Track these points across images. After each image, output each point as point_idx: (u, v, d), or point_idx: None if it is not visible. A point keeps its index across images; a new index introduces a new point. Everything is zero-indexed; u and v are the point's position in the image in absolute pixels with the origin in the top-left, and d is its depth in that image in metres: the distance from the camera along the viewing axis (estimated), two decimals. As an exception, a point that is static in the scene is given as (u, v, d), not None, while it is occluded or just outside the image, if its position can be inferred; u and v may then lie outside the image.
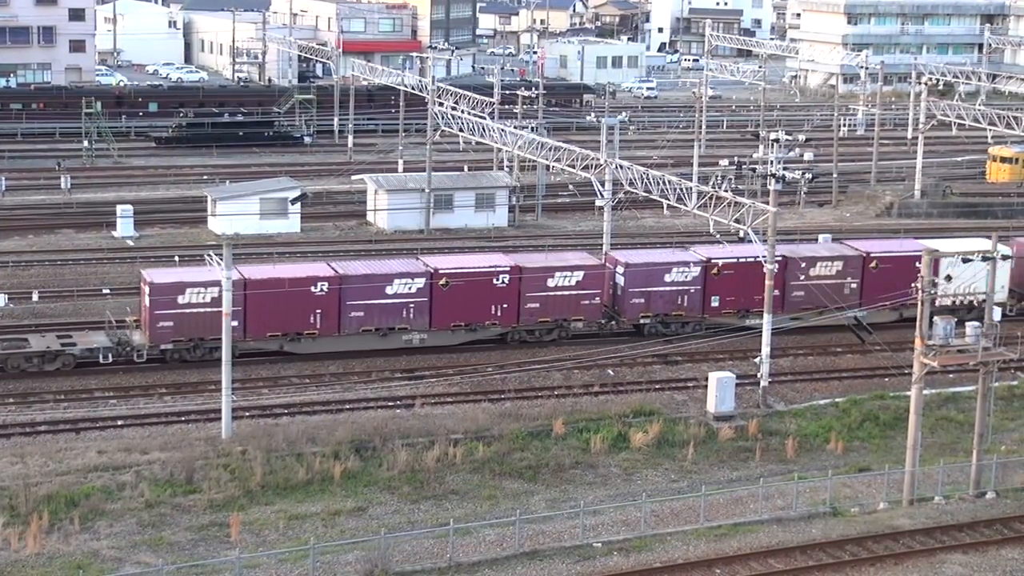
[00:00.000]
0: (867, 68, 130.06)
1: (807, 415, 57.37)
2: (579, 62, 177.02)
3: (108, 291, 70.69)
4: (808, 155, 61.54)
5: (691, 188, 66.38)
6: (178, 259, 74.45)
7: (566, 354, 62.33)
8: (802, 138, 65.01)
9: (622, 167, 71.31)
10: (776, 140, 59.29)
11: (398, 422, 53.65)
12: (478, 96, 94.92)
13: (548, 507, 47.64)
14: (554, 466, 51.23)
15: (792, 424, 56.38)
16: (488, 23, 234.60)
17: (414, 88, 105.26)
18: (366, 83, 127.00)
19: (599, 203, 73.88)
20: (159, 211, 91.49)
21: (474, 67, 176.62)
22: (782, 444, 54.50)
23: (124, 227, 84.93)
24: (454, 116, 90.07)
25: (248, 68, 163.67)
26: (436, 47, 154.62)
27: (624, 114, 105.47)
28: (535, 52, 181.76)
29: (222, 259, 51.01)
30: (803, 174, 61.51)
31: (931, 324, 46.99)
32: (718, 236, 65.49)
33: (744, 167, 64.50)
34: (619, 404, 56.90)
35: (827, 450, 54.52)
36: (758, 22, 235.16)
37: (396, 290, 61.73)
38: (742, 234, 62.46)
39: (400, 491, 48.59)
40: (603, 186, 72.06)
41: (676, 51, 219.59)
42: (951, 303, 65.20)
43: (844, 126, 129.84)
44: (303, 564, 40.92)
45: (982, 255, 51.48)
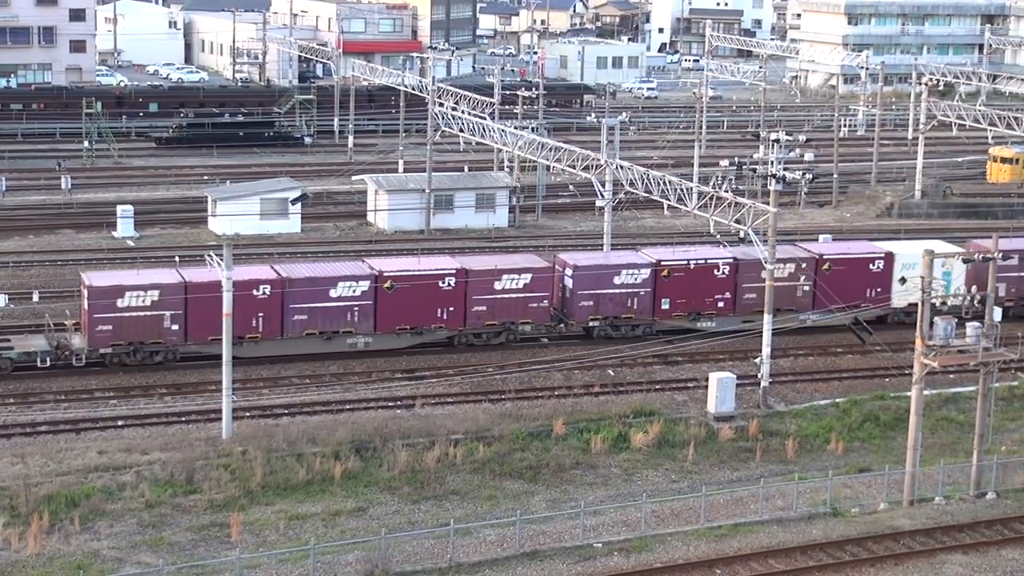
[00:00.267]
0: (867, 68, 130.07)
1: (807, 415, 57.37)
2: (579, 62, 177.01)
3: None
4: (808, 155, 61.49)
5: (691, 188, 66.36)
6: (178, 259, 74.46)
7: (566, 354, 62.32)
8: (802, 138, 65.01)
9: (622, 167, 71.30)
10: (776, 140, 59.28)
11: (398, 422, 53.66)
12: (478, 96, 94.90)
13: (548, 507, 47.65)
14: (554, 466, 51.23)
15: (792, 424, 56.38)
16: (488, 23, 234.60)
17: (414, 88, 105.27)
18: (366, 83, 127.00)
19: (599, 203, 73.90)
20: (159, 211, 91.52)
21: (474, 67, 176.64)
22: (782, 444, 54.51)
23: (124, 227, 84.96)
24: (454, 116, 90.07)
25: (248, 68, 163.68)
26: (436, 47, 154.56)
27: (624, 114, 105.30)
28: (535, 52, 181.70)
29: (223, 259, 51.04)
30: (803, 174, 61.50)
31: (931, 325, 46.97)
32: (718, 237, 65.47)
33: (744, 167, 64.42)
34: (619, 404, 56.89)
35: (827, 450, 54.52)
36: (758, 22, 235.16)
37: (340, 293, 61.05)
38: (742, 234, 62.45)
39: (400, 491, 48.59)
40: (603, 186, 72.07)
41: (676, 51, 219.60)
42: (908, 304, 65.67)
43: (844, 126, 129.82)
44: (303, 564, 40.93)
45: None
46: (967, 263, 56.86)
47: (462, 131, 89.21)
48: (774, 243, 58.76)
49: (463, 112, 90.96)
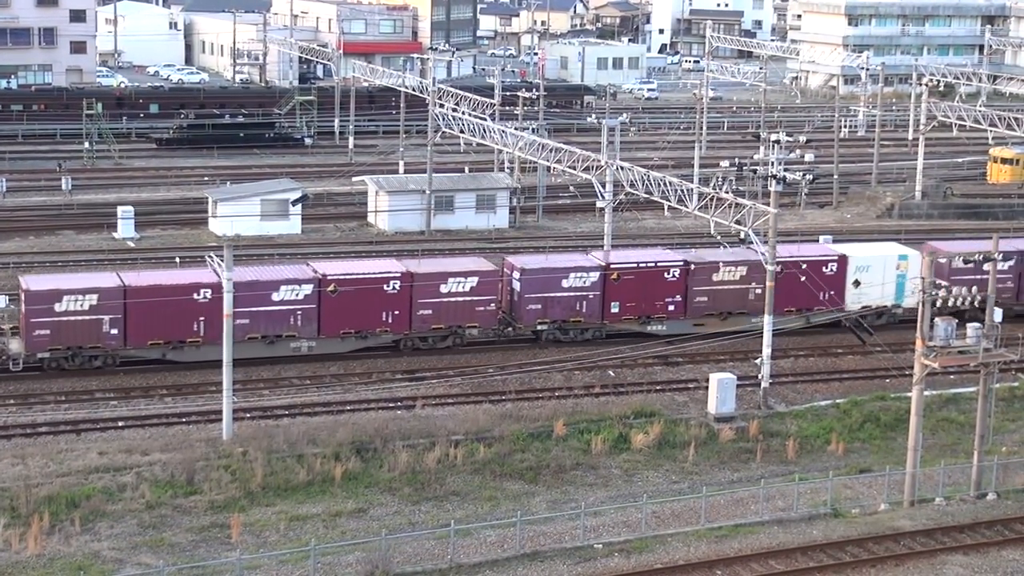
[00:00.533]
0: (868, 69, 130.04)
1: (808, 416, 57.37)
2: (580, 63, 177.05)
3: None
4: (809, 156, 61.45)
5: (692, 189, 66.35)
6: (179, 260, 74.49)
7: (567, 355, 62.33)
8: (803, 139, 64.93)
9: (623, 168, 71.30)
10: (777, 141, 59.28)
11: (399, 423, 53.66)
12: (479, 97, 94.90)
13: (549, 508, 47.65)
14: (555, 467, 51.23)
15: (793, 425, 56.38)
16: (489, 24, 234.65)
17: (415, 89, 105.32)
18: (367, 84, 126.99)
19: (600, 204, 73.91)
20: (160, 212, 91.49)
21: (475, 68, 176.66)
22: (783, 445, 54.51)
23: (125, 228, 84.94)
24: (455, 117, 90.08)
25: (249, 69, 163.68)
26: (437, 48, 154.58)
27: (625, 115, 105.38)
28: (536, 53, 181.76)
29: (223, 260, 51.05)
30: (804, 175, 61.46)
31: (932, 325, 46.96)
32: (719, 237, 65.46)
33: (745, 168, 64.43)
34: (620, 405, 56.87)
35: (828, 451, 54.52)
36: (759, 23, 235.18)
37: (283, 296, 60.32)
38: (743, 235, 62.46)
39: (401, 492, 48.60)
40: (604, 187, 72.08)
41: (677, 52, 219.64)
42: (862, 307, 65.78)
43: (845, 127, 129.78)
44: (304, 565, 40.94)
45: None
46: (968, 263, 56.78)
47: (462, 132, 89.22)
48: (774, 244, 58.77)
49: (463, 113, 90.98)
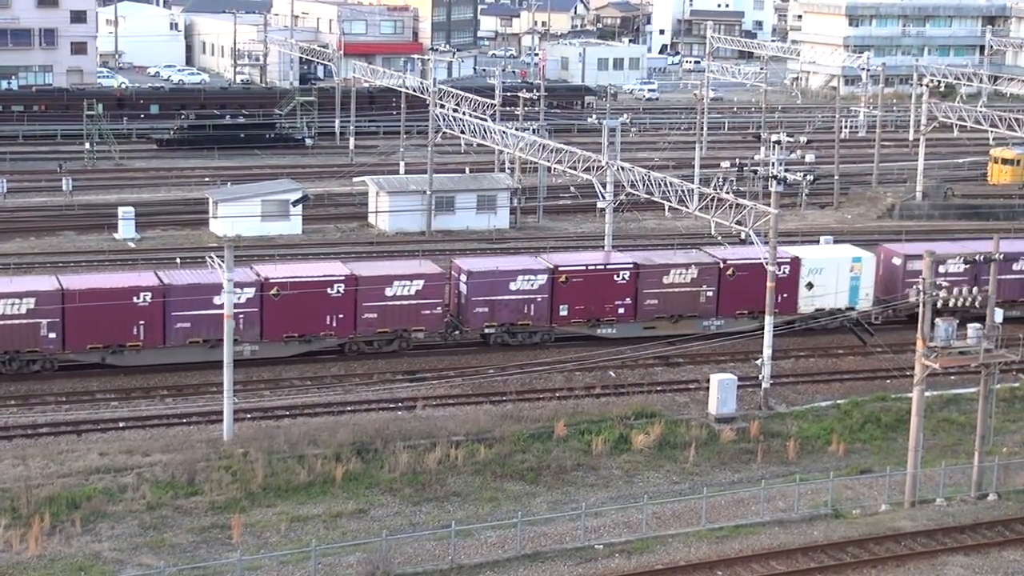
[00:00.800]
0: (868, 70, 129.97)
1: (808, 417, 57.36)
2: (580, 64, 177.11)
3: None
4: (809, 157, 61.48)
5: (692, 190, 66.36)
6: (179, 261, 74.50)
7: (567, 356, 62.33)
8: (803, 140, 64.92)
9: (623, 169, 71.32)
10: (777, 142, 59.28)
11: (399, 424, 53.65)
12: (479, 98, 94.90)
13: (549, 509, 47.65)
14: (555, 468, 51.23)
15: (793, 426, 56.37)
16: (489, 25, 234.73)
17: (415, 90, 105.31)
18: (367, 85, 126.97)
19: (600, 205, 73.95)
20: (160, 213, 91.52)
21: (475, 69, 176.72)
22: (783, 446, 54.50)
23: (125, 229, 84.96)
24: (455, 118, 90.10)
25: (249, 70, 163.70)
26: (437, 49, 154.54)
27: (625, 116, 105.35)
28: (536, 54, 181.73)
29: (223, 261, 51.04)
30: (804, 176, 61.50)
31: (933, 326, 46.96)
32: (719, 238, 65.47)
33: (745, 169, 64.44)
34: (620, 406, 56.85)
35: (829, 452, 54.50)
36: (759, 24, 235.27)
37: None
38: (743, 236, 62.45)
39: (401, 493, 48.59)
40: (604, 188, 72.10)
41: (677, 53, 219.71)
42: (815, 310, 65.85)
43: (845, 128, 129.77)
44: (304, 566, 40.94)
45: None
46: (969, 263, 56.81)
47: (463, 132, 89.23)
48: (775, 244, 58.78)
49: (464, 113, 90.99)
